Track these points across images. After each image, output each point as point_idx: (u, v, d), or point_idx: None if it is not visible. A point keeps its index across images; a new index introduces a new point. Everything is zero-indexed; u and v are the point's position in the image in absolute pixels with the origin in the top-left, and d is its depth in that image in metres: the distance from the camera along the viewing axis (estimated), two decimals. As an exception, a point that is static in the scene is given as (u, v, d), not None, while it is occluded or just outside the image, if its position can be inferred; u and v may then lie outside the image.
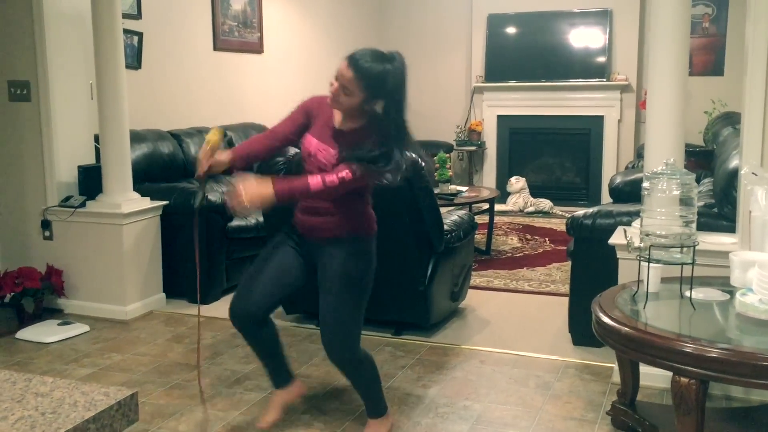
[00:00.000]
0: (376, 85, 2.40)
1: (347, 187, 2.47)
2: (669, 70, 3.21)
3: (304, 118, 2.62)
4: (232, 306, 2.70)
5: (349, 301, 2.62)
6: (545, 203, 7.60)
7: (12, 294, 4.22)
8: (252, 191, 2.39)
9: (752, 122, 3.09)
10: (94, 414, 0.92)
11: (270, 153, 2.72)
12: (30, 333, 4.04)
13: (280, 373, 2.89)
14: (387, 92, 2.43)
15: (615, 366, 3.20)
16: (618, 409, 2.88)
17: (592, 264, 3.63)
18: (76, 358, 3.74)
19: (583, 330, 3.60)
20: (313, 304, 3.99)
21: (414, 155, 2.71)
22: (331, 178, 2.44)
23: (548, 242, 6.21)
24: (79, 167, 4.48)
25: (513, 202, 7.66)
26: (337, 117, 2.57)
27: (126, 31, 5.05)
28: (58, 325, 4.13)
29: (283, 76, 7.08)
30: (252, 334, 2.75)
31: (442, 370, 3.54)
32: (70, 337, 4.02)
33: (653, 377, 3.11)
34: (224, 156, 2.56)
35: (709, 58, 7.57)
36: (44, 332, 4.04)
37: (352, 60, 2.41)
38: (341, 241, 2.60)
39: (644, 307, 2.60)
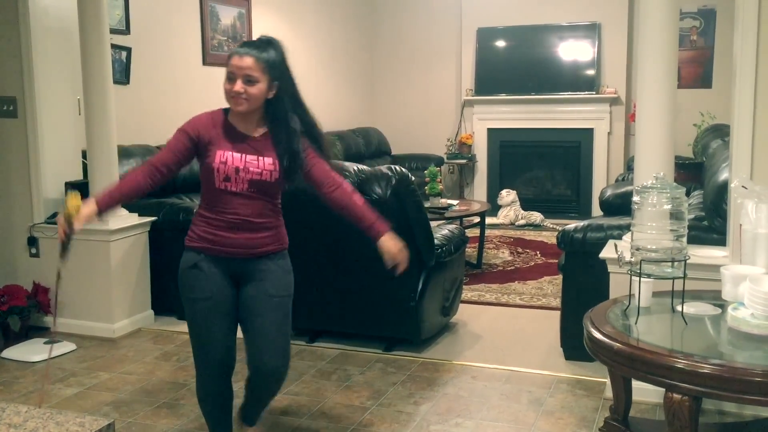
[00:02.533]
0: (273, 62, 2.42)
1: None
2: (658, 82, 3.21)
3: (190, 142, 2.47)
4: (210, 359, 2.54)
5: (288, 315, 2.57)
6: (536, 216, 7.60)
7: (-3, 312, 4.17)
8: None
9: (741, 135, 3.09)
10: (68, 446, 0.89)
11: (150, 187, 2.49)
12: (16, 352, 3.99)
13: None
14: (282, 69, 2.45)
15: (607, 381, 3.17)
16: (611, 425, 2.84)
17: (583, 278, 3.61)
18: (62, 378, 3.68)
19: (575, 344, 3.57)
20: (302, 320, 3.98)
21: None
22: (350, 187, 2.63)
23: (539, 255, 6.20)
24: (66, 183, 4.44)
25: (504, 216, 7.65)
26: (241, 126, 2.47)
27: (114, 47, 5.02)
28: (45, 343, 4.08)
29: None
30: (226, 384, 2.64)
31: (434, 387, 3.50)
32: (56, 356, 3.96)
33: (646, 392, 3.08)
34: (88, 210, 2.41)
35: (697, 70, 7.61)
36: (30, 351, 3.98)
37: (242, 50, 2.41)
38: (274, 257, 2.53)
39: (636, 322, 2.58)
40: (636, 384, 2.80)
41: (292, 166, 2.46)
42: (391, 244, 2.58)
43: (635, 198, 2.65)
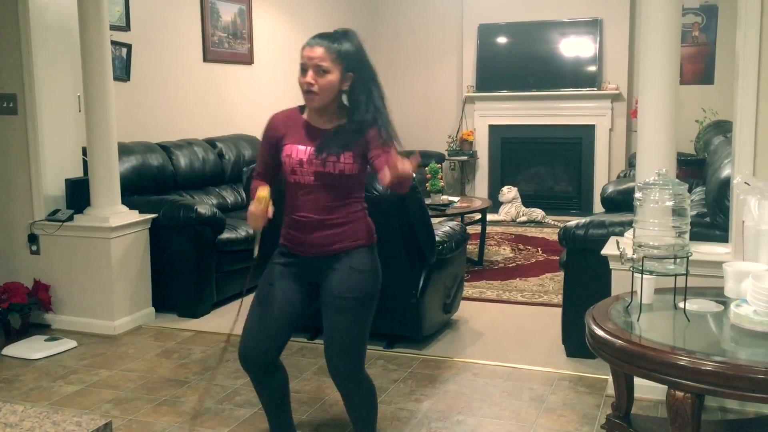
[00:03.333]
0: (347, 53, 2.37)
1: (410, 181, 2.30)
2: (660, 78, 3.19)
3: (269, 145, 2.47)
4: (243, 349, 2.49)
5: (360, 318, 2.46)
6: (537, 213, 7.58)
7: (-2, 309, 4.16)
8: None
9: (744, 131, 3.07)
10: (65, 445, 0.88)
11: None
12: (16, 349, 3.98)
13: (281, 428, 2.65)
14: (358, 60, 2.39)
15: (609, 378, 3.16)
16: (613, 422, 2.84)
17: (585, 275, 3.60)
18: (63, 375, 3.68)
19: (576, 341, 3.56)
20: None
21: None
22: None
23: (541, 252, 6.19)
24: (66, 180, 4.43)
25: (505, 212, 7.63)
26: (314, 120, 2.43)
27: (115, 43, 5.02)
28: (45, 341, 4.07)
29: (274, 87, 7.05)
30: (263, 378, 2.53)
31: (435, 384, 3.50)
32: (57, 353, 3.96)
33: (648, 389, 3.08)
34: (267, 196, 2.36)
35: (699, 66, 7.58)
36: (31, 348, 3.98)
37: (313, 41, 2.37)
38: (348, 255, 2.44)
39: (638, 319, 2.57)
40: (638, 381, 2.79)
41: (360, 144, 2.35)
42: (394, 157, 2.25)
43: (637, 194, 2.63)
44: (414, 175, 2.29)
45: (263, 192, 2.34)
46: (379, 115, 2.41)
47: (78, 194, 4.40)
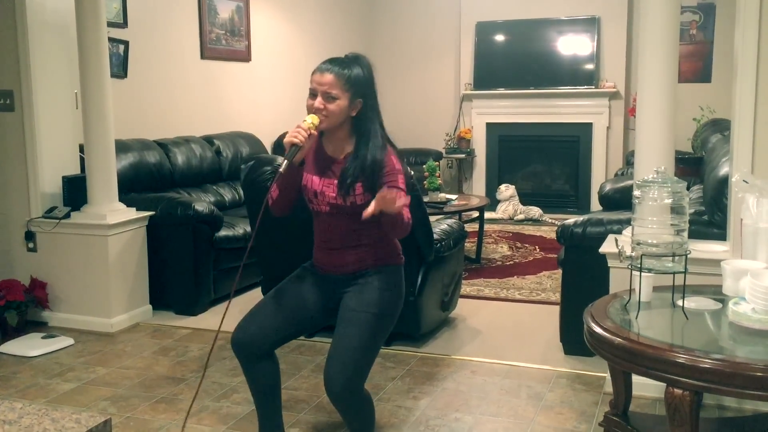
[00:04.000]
0: (357, 79, 2.37)
1: (406, 228, 2.37)
2: (658, 76, 3.19)
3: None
4: (236, 332, 2.49)
5: (371, 335, 2.41)
6: (535, 211, 7.59)
7: (-5, 307, 4.15)
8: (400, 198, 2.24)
9: (742, 129, 3.07)
10: (64, 443, 0.87)
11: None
12: (13, 347, 3.97)
13: (272, 424, 2.62)
14: (367, 86, 2.40)
15: (607, 376, 3.16)
16: (611, 420, 2.84)
17: (582, 272, 3.60)
18: (60, 372, 3.67)
19: (574, 339, 3.57)
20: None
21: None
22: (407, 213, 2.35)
23: (538, 250, 6.19)
24: (63, 177, 4.42)
25: (503, 210, 7.63)
26: (329, 147, 2.45)
27: (112, 40, 5.00)
28: (42, 338, 4.06)
29: (272, 85, 7.04)
30: (252, 367, 2.52)
31: (433, 381, 3.50)
32: (54, 351, 3.95)
33: (646, 387, 3.08)
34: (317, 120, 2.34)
35: (696, 65, 7.59)
36: (28, 346, 3.97)
37: (323, 66, 2.37)
38: (372, 272, 2.45)
39: (636, 317, 2.57)
40: (636, 379, 2.79)
41: (371, 179, 2.35)
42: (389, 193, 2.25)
43: (636, 192, 2.63)
44: (405, 219, 2.32)
45: (314, 116, 2.33)
46: (387, 140, 2.44)
47: (75, 191, 4.39)
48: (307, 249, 2.63)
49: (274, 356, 2.56)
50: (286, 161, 2.31)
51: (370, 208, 2.21)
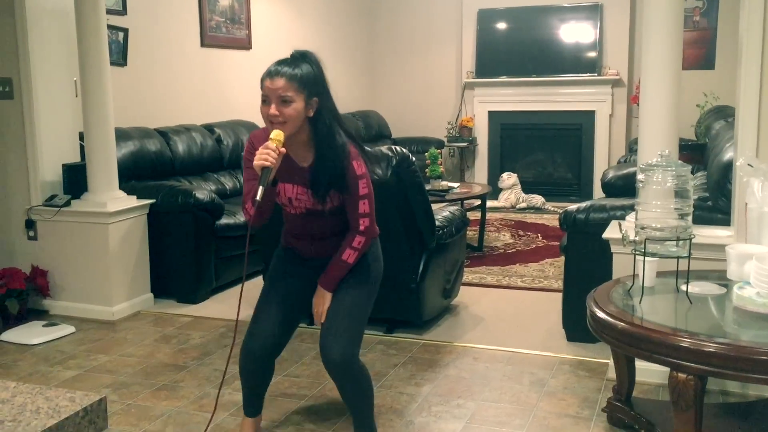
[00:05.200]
0: (308, 78, 2.31)
1: (372, 229, 2.50)
2: (662, 62, 3.16)
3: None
4: (250, 341, 2.57)
5: (359, 303, 2.50)
6: (537, 199, 7.56)
7: (-4, 295, 4.14)
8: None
9: (747, 113, 3.04)
10: (58, 421, 0.85)
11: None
12: (14, 335, 3.96)
13: (257, 403, 2.77)
14: (319, 83, 2.35)
15: (610, 362, 3.15)
16: (614, 405, 2.83)
17: (585, 259, 3.58)
18: (61, 360, 3.66)
19: (577, 326, 3.55)
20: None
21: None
22: (358, 241, 2.45)
23: (541, 238, 6.17)
24: (63, 165, 4.40)
25: (505, 198, 7.61)
26: (292, 152, 2.40)
27: (111, 27, 4.97)
28: (43, 326, 4.06)
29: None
30: (255, 370, 2.65)
31: (435, 368, 3.48)
32: (55, 339, 3.94)
33: (649, 373, 3.07)
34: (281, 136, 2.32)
35: (700, 51, 7.54)
36: (29, 334, 3.96)
37: (272, 70, 2.31)
38: None
39: (640, 302, 2.55)
40: (639, 364, 2.78)
41: (340, 186, 2.39)
42: (321, 300, 2.50)
43: (640, 176, 2.61)
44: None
45: (278, 132, 2.29)
46: (352, 138, 2.44)
47: (75, 179, 4.37)
48: None
49: (273, 364, 2.71)
50: (261, 188, 2.25)
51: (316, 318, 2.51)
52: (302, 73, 2.30)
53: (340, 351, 2.42)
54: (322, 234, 2.52)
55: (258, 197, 2.24)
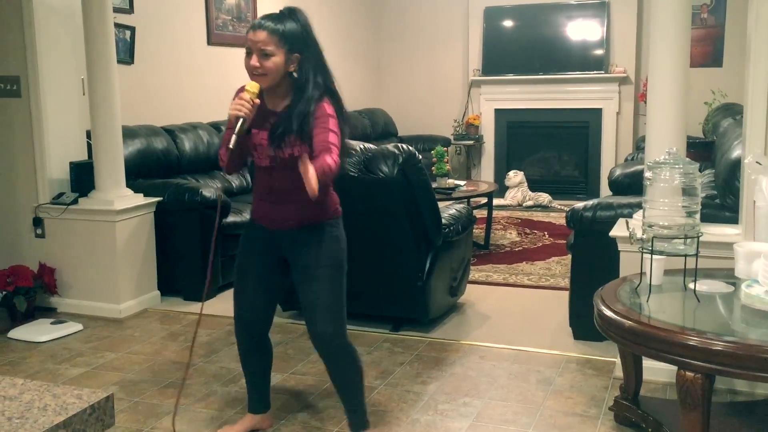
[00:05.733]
0: (291, 34, 2.36)
1: (339, 162, 2.36)
2: (670, 60, 3.15)
3: None
4: (241, 321, 2.69)
5: (336, 284, 2.55)
6: (544, 197, 7.54)
7: (4, 293, 4.16)
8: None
9: (755, 110, 3.03)
10: (65, 418, 0.86)
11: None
12: (22, 332, 3.98)
13: (261, 398, 2.84)
14: (304, 40, 2.38)
15: (617, 360, 3.14)
16: (621, 404, 2.82)
17: (592, 257, 3.57)
18: (69, 358, 3.68)
19: (584, 324, 3.54)
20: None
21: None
22: (331, 158, 2.31)
23: (547, 236, 6.15)
24: (70, 163, 4.41)
25: (511, 197, 7.60)
26: (269, 101, 2.46)
27: (118, 26, 4.97)
28: (51, 324, 4.07)
29: (279, 71, 7.00)
30: (256, 347, 2.74)
31: (442, 366, 3.48)
32: (63, 336, 3.96)
33: (656, 371, 3.06)
34: (257, 88, 2.36)
35: (707, 49, 7.50)
36: (37, 331, 3.98)
37: (256, 23, 2.38)
38: (316, 227, 2.52)
39: (647, 300, 2.55)
40: (646, 363, 2.77)
41: (301, 128, 2.37)
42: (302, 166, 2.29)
43: (647, 174, 2.60)
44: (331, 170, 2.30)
45: (253, 83, 2.35)
46: (326, 89, 2.43)
47: (82, 177, 4.38)
48: None
49: (269, 339, 2.78)
50: (235, 137, 2.32)
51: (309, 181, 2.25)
52: (285, 29, 2.35)
53: (330, 329, 2.53)
54: (284, 194, 2.47)
55: (231, 145, 2.33)
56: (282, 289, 2.74)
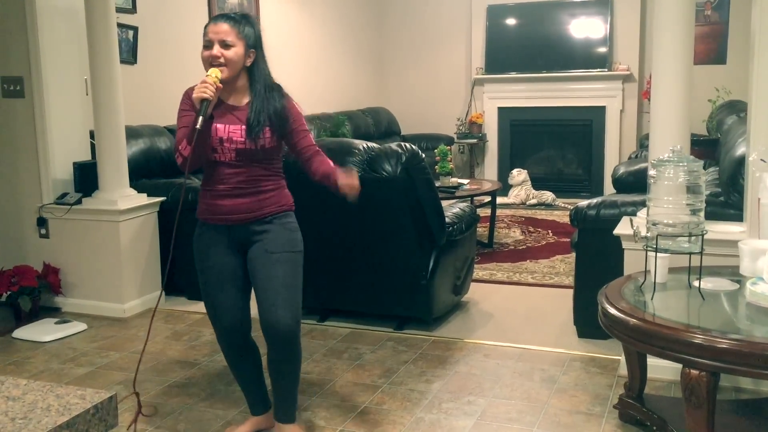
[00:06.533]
0: (248, 31, 2.49)
1: None
2: (673, 57, 3.14)
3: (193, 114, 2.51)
4: (222, 328, 2.65)
5: (296, 272, 2.56)
6: (547, 195, 7.53)
7: (8, 293, 4.17)
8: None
9: (759, 108, 3.02)
10: (68, 419, 0.86)
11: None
12: (27, 332, 3.99)
13: (260, 399, 2.81)
14: (257, 41, 2.52)
15: (622, 358, 3.13)
16: (625, 402, 2.82)
17: (596, 255, 3.56)
18: (73, 357, 3.68)
19: (588, 322, 3.54)
20: (312, 299, 3.96)
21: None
22: (327, 159, 2.62)
23: (551, 234, 6.15)
24: (74, 163, 4.42)
25: (515, 195, 7.59)
26: (228, 97, 2.53)
27: (121, 26, 4.98)
28: (55, 323, 4.08)
29: (281, 71, 6.97)
30: (243, 352, 2.71)
31: (446, 365, 3.48)
32: (67, 336, 3.96)
33: (661, 369, 3.05)
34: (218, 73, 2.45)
35: (711, 46, 7.48)
36: (41, 331, 3.99)
37: (218, 17, 2.50)
38: (275, 217, 2.56)
39: (652, 298, 2.54)
40: (651, 361, 2.76)
41: (279, 124, 2.52)
42: (347, 178, 2.55)
43: (651, 171, 2.59)
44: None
45: (215, 69, 2.44)
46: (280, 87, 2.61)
47: (86, 177, 4.39)
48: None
49: (252, 339, 2.71)
50: (201, 117, 2.37)
51: (350, 189, 2.51)
52: (243, 26, 2.49)
53: (288, 321, 2.51)
54: (246, 186, 2.51)
55: (198, 125, 2.35)
56: (249, 290, 2.68)
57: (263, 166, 2.54)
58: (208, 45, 2.47)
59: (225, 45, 2.45)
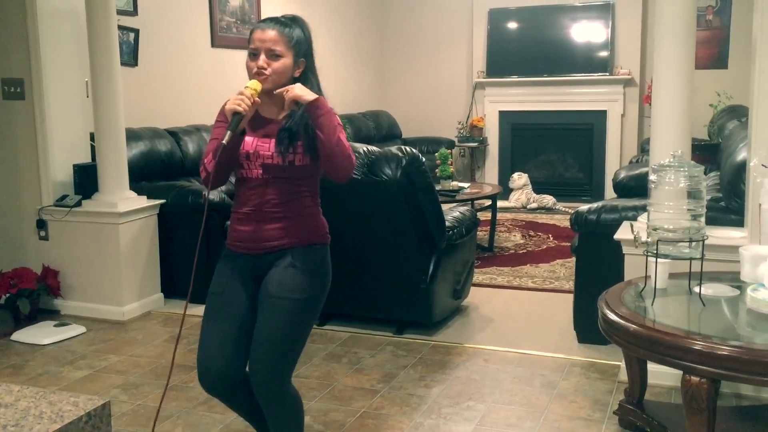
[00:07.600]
0: (298, 38, 2.23)
1: (343, 141, 2.19)
2: (675, 62, 3.14)
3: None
4: (203, 371, 2.26)
5: (296, 324, 2.20)
6: (548, 199, 7.53)
7: (7, 295, 4.16)
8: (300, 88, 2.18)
9: (761, 113, 3.01)
10: (61, 426, 0.85)
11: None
12: (25, 335, 3.98)
13: (261, 428, 2.40)
14: (308, 47, 2.26)
15: (622, 364, 3.12)
16: (625, 408, 2.80)
17: (597, 260, 3.55)
18: (71, 360, 3.67)
19: (588, 327, 3.52)
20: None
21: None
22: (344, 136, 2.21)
23: (552, 238, 6.14)
24: (74, 166, 4.41)
25: (515, 199, 7.58)
26: (265, 110, 2.26)
27: (122, 28, 4.98)
28: (54, 326, 4.07)
29: (283, 73, 6.99)
30: (230, 399, 2.34)
31: (445, 370, 3.47)
32: (66, 339, 3.95)
33: (661, 375, 3.04)
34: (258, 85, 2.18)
35: (712, 51, 7.48)
36: (40, 334, 3.98)
37: (263, 24, 2.22)
38: (294, 252, 2.22)
39: (652, 304, 2.53)
40: (651, 366, 2.75)
41: (314, 142, 2.17)
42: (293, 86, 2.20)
43: (652, 177, 2.59)
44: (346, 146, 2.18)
45: (255, 81, 2.19)
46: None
47: (86, 180, 4.38)
48: None
49: (246, 381, 2.29)
50: (229, 132, 2.11)
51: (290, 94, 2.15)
52: (293, 33, 2.22)
53: (266, 370, 2.19)
54: (273, 210, 2.21)
55: (225, 141, 2.09)
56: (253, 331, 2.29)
57: (292, 188, 2.20)
58: (253, 54, 2.19)
59: (273, 55, 2.18)
